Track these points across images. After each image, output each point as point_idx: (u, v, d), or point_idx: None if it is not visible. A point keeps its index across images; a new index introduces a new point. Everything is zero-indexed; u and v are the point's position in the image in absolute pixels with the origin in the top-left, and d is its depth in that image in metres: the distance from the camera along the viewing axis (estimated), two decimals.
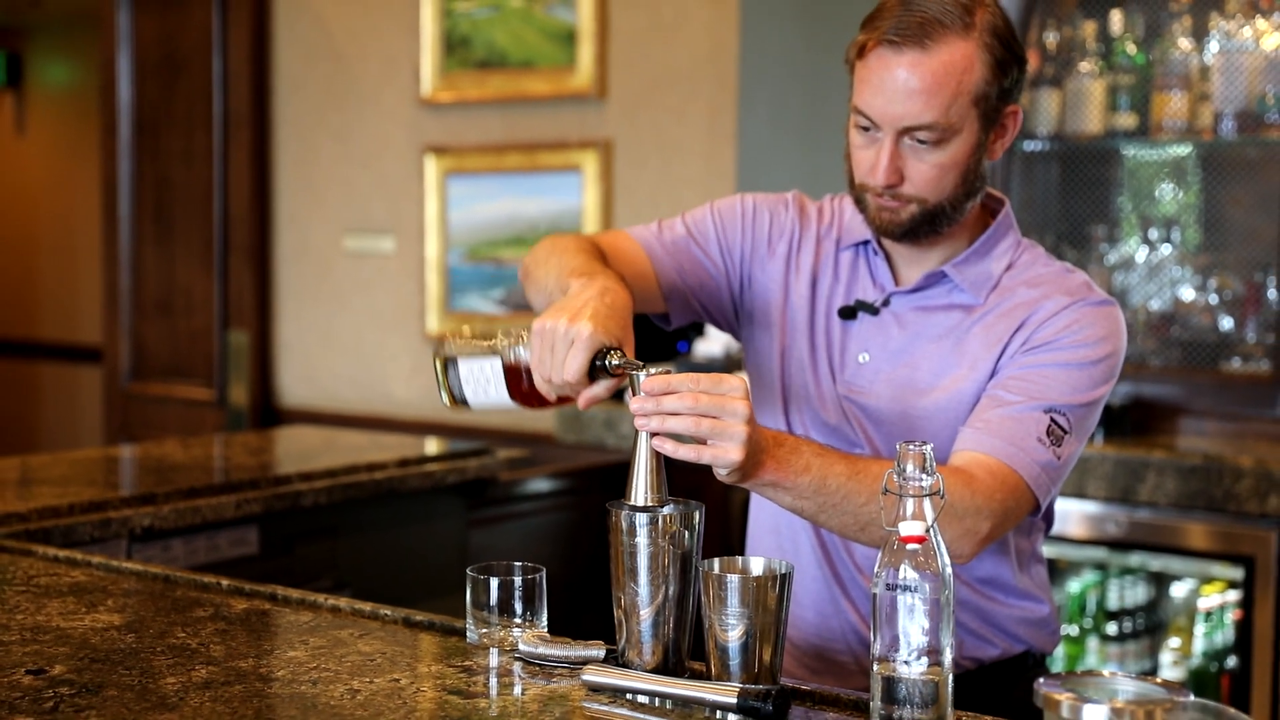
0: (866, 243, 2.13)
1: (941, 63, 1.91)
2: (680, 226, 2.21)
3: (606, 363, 1.76)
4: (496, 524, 3.75)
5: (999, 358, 2.01)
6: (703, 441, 1.68)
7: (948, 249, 2.08)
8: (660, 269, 2.15)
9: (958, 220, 2.03)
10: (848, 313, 2.11)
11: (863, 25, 1.98)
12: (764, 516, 2.21)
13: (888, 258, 2.11)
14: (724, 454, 1.67)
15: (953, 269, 2.06)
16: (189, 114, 5.91)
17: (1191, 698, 1.29)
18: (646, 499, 1.69)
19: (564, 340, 1.75)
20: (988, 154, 2.01)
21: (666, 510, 1.69)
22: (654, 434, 1.69)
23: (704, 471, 4.18)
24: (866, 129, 1.98)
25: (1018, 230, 2.12)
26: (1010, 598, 2.11)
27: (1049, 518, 2.15)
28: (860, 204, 2.04)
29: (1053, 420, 1.93)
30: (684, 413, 1.66)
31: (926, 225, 2.01)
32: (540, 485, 3.96)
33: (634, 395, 1.72)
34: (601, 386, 1.78)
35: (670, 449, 1.68)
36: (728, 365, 4.16)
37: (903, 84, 1.91)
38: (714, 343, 4.24)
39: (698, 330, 4.43)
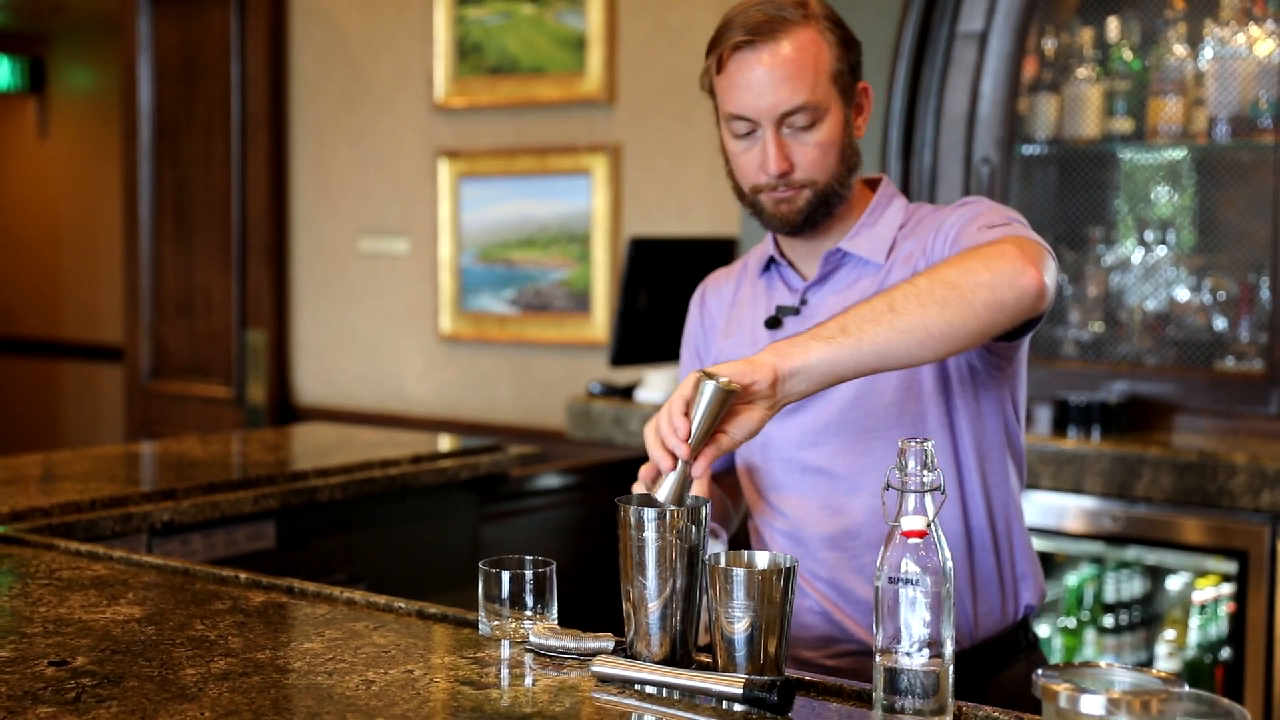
0: (773, 259, 2.23)
1: (796, 48, 2.04)
2: None
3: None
4: (508, 519, 3.75)
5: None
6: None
7: (838, 232, 2.17)
8: None
9: (845, 197, 2.13)
10: (772, 323, 2.18)
11: (708, 51, 2.12)
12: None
13: (791, 264, 2.21)
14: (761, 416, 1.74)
15: (847, 243, 2.14)
16: (208, 118, 5.95)
17: (1186, 688, 1.29)
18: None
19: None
20: (855, 131, 2.13)
21: (673, 505, 1.71)
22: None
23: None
24: (746, 133, 2.09)
25: (904, 197, 2.21)
26: (1015, 534, 2.13)
27: (1021, 468, 2.18)
28: (756, 208, 2.14)
29: (988, 223, 1.97)
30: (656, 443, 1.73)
31: (822, 208, 2.11)
32: (551, 481, 3.96)
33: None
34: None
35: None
36: None
37: (769, 75, 2.04)
38: None
39: None
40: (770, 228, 2.18)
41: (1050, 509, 3.50)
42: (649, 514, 1.67)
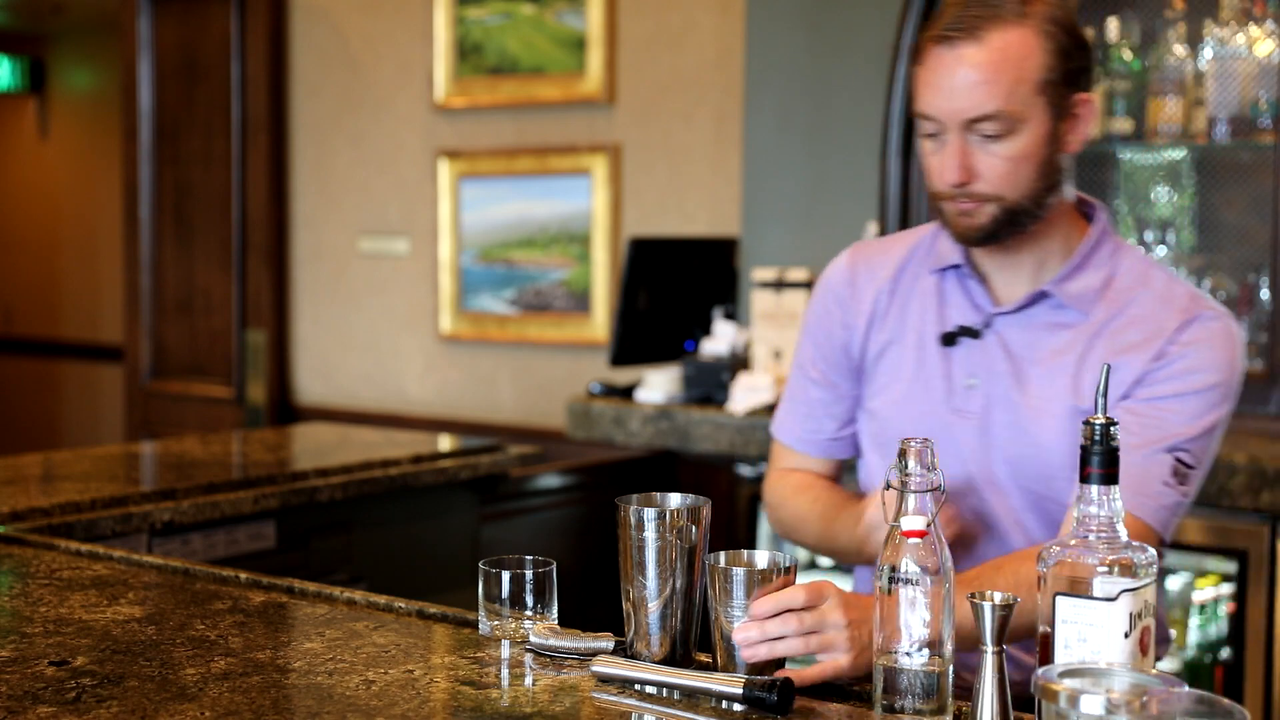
0: (957, 266, 2.05)
1: (998, 50, 1.86)
2: (807, 399, 2.19)
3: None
4: (508, 519, 3.76)
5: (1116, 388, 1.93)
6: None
7: (1038, 255, 2.00)
8: (838, 445, 2.20)
9: (1040, 217, 1.95)
10: (949, 339, 2.04)
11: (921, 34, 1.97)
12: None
13: (983, 279, 2.04)
14: (836, 665, 1.65)
15: (1055, 287, 1.98)
16: (208, 119, 5.96)
17: (1186, 688, 1.29)
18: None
19: None
20: (1062, 146, 1.93)
21: (674, 505, 1.71)
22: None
23: (708, 468, 4.21)
24: (934, 134, 1.93)
25: (1115, 235, 2.05)
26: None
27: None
28: (940, 215, 1.98)
29: (1177, 460, 1.88)
30: (790, 635, 1.63)
31: (1008, 225, 1.93)
32: (551, 481, 3.97)
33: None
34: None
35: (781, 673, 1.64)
36: (734, 363, 4.21)
37: (961, 77, 1.87)
38: (720, 341, 4.28)
39: (704, 330, 4.49)
40: (952, 238, 2.01)
41: None
42: (649, 514, 1.67)
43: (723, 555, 1.67)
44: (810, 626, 1.63)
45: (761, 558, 1.68)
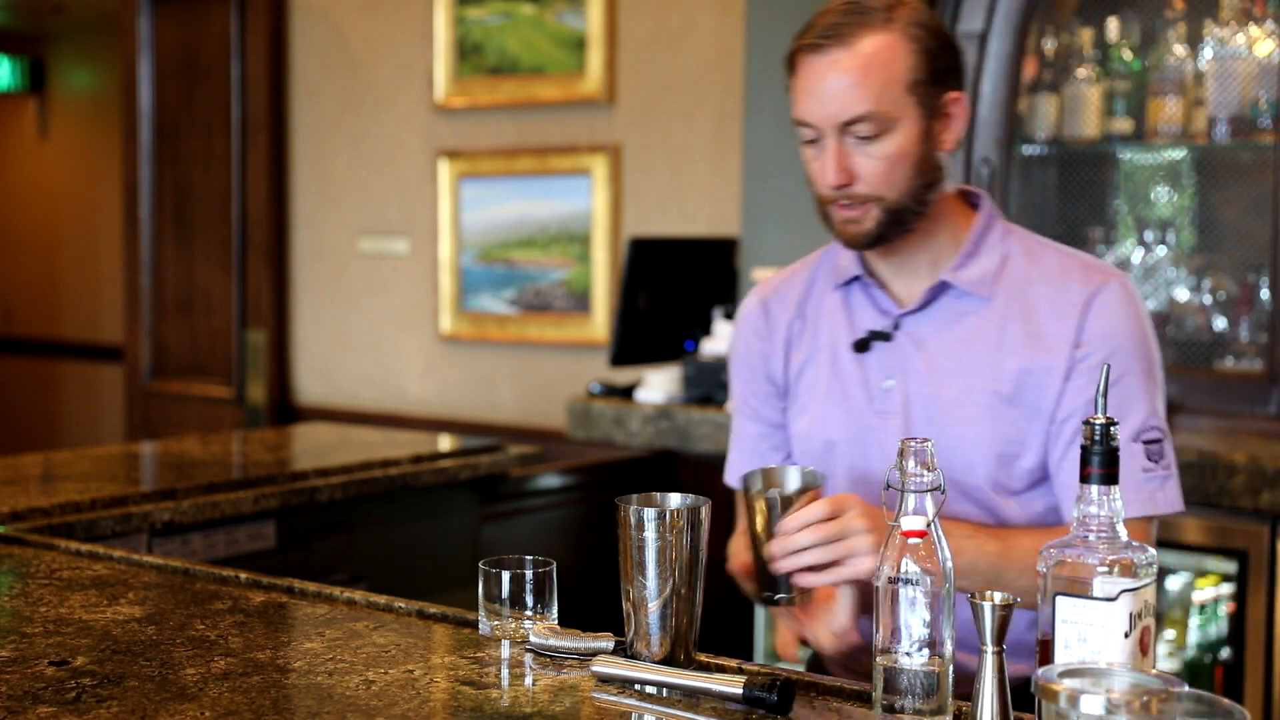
0: (858, 277, 2.11)
1: (865, 53, 1.94)
2: (749, 434, 2.27)
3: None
4: (508, 519, 3.76)
5: (1026, 372, 1.99)
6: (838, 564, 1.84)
7: (930, 251, 2.06)
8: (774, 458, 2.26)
9: (922, 214, 2.01)
10: (861, 345, 2.10)
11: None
12: None
13: (882, 285, 2.10)
14: (859, 568, 1.82)
15: (952, 276, 2.04)
16: (208, 119, 5.96)
17: (1186, 688, 1.28)
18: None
19: None
20: (938, 144, 2.00)
21: (674, 505, 1.71)
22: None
23: (708, 468, 4.21)
24: (813, 140, 1.99)
25: (1002, 219, 2.10)
26: None
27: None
28: (827, 221, 2.04)
29: (1146, 444, 1.92)
30: (815, 544, 1.82)
31: (892, 226, 2.00)
32: (551, 481, 3.97)
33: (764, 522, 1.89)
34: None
35: (812, 580, 1.86)
36: None
37: (831, 81, 1.94)
38: (720, 341, 4.28)
39: (704, 330, 4.49)
40: (841, 245, 2.08)
41: None
42: (649, 514, 1.67)
43: (758, 477, 1.89)
44: (835, 534, 1.81)
45: (793, 478, 1.89)
